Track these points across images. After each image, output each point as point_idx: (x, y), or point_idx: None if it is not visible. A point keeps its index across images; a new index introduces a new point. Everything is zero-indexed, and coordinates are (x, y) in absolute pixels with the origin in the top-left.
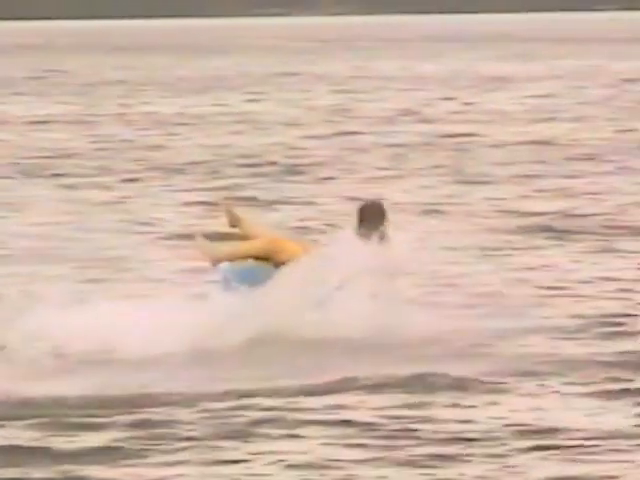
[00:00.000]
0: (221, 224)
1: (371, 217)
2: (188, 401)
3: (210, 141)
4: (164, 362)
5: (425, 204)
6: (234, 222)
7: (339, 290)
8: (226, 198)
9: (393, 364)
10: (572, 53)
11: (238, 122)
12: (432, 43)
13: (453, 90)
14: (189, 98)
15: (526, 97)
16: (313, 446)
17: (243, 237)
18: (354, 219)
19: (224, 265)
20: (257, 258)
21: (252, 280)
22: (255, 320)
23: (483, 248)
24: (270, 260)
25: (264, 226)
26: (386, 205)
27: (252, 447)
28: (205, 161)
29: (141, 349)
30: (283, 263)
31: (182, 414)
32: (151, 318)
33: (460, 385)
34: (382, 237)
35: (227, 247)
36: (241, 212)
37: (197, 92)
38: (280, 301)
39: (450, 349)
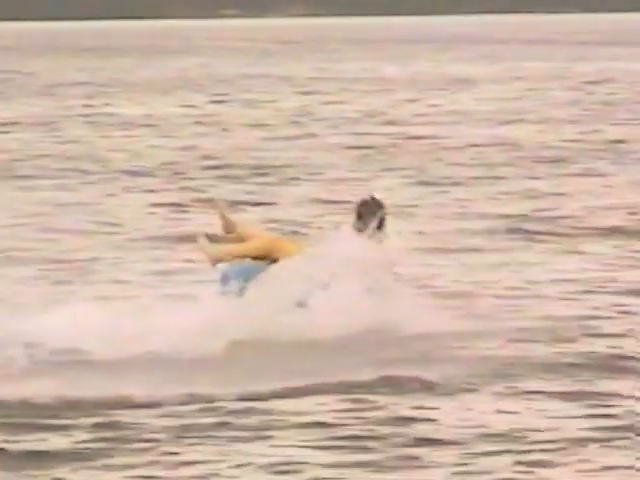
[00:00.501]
0: (193, 225)
1: (369, 213)
2: (156, 403)
3: (175, 142)
4: (133, 364)
5: (391, 206)
6: (229, 228)
7: (325, 289)
8: (215, 201)
9: (361, 366)
10: (538, 55)
11: (203, 124)
12: (398, 45)
13: (419, 92)
14: (154, 99)
15: (492, 99)
16: (281, 448)
17: (240, 240)
18: (352, 216)
19: (223, 265)
20: (256, 258)
21: (250, 278)
22: (234, 323)
23: (449, 250)
24: (268, 259)
25: (259, 228)
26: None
27: (219, 449)
28: (171, 162)
29: (110, 351)
30: None
31: (149, 416)
32: (120, 320)
33: (428, 387)
34: (380, 233)
35: (227, 247)
36: (235, 216)
37: (162, 93)
38: (261, 302)
39: (418, 351)
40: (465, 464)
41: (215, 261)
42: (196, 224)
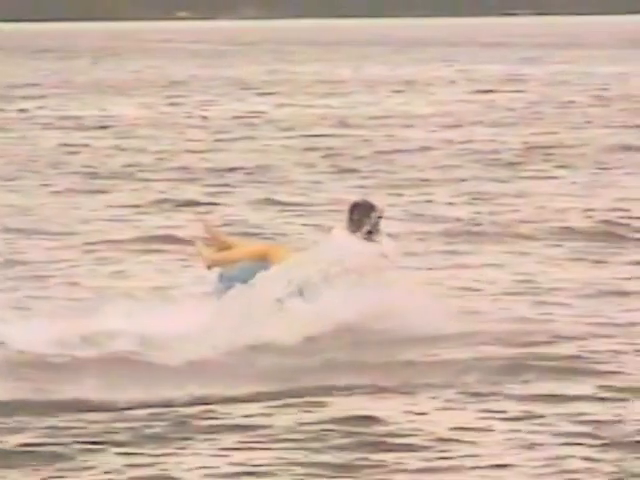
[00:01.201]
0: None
1: (361, 215)
2: (111, 406)
3: (130, 144)
4: (93, 367)
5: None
6: (223, 247)
7: (301, 294)
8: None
9: (306, 372)
10: (492, 57)
11: (158, 125)
12: (351, 47)
13: (373, 94)
14: (109, 101)
15: (446, 101)
16: (236, 452)
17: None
18: (345, 217)
19: (220, 268)
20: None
21: (247, 279)
22: (205, 326)
23: (404, 253)
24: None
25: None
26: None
27: (172, 452)
28: (126, 164)
29: (68, 353)
30: None
31: (104, 420)
32: (78, 321)
33: (375, 392)
34: (374, 233)
35: (224, 252)
36: (223, 235)
37: (117, 95)
38: (238, 306)
39: (368, 355)
40: (419, 469)
41: (212, 265)
42: (154, 226)
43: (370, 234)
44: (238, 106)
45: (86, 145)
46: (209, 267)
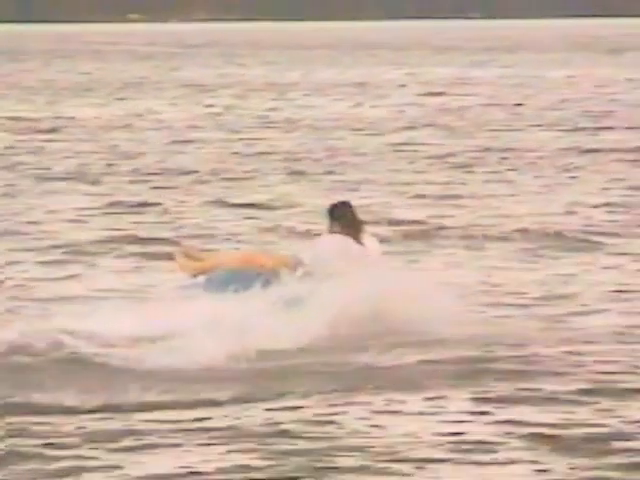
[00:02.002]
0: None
1: (342, 215)
2: (62, 410)
3: (81, 146)
4: (49, 370)
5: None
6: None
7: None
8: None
9: (257, 377)
10: (441, 61)
11: (109, 127)
12: (300, 50)
13: (321, 97)
14: (60, 103)
15: (395, 104)
16: (187, 457)
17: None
18: (326, 220)
19: (201, 277)
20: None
21: (227, 286)
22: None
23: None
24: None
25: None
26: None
27: (120, 457)
28: (78, 165)
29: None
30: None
31: (56, 423)
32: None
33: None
34: (358, 234)
35: (205, 260)
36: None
37: (68, 97)
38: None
39: (322, 359)
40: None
41: (194, 274)
42: (107, 227)
43: (354, 234)
44: (189, 108)
45: (40, 147)
46: (193, 275)
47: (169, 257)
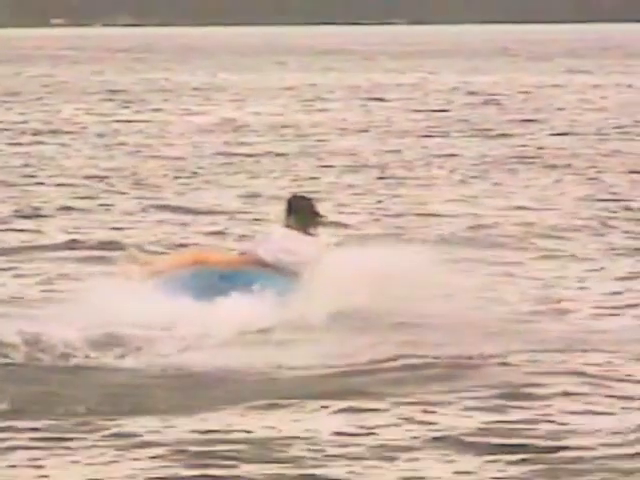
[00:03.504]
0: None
1: (300, 209)
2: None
3: (9, 150)
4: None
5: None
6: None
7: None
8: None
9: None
10: (371, 67)
11: (36, 133)
12: (228, 55)
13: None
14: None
15: (325, 109)
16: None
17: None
18: (282, 213)
19: (154, 280)
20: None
21: (188, 287)
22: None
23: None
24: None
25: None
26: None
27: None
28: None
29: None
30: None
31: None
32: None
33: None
34: (312, 227)
35: (158, 261)
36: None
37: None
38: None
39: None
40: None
41: (149, 275)
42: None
43: (309, 228)
44: (112, 112)
45: None
46: (148, 277)
47: (112, 262)
